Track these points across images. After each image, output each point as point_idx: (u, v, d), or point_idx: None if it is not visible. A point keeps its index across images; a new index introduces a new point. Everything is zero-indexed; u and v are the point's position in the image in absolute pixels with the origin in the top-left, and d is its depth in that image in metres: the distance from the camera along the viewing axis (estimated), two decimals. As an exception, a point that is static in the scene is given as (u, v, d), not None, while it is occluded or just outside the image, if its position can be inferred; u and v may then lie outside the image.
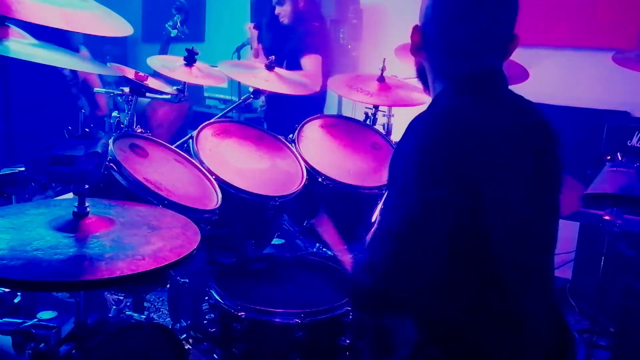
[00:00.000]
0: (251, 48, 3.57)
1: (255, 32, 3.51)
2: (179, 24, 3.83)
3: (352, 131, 2.35)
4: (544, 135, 1.20)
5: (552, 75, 3.24)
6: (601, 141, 2.77)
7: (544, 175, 1.19)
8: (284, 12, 3.27)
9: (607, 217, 2.00)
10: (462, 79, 1.18)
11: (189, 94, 2.36)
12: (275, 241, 2.40)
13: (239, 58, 3.66)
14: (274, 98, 3.36)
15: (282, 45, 3.32)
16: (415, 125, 1.12)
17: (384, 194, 2.14)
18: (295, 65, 3.11)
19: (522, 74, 2.42)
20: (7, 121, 1.88)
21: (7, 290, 1.60)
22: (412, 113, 1.35)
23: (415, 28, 1.23)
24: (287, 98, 2.82)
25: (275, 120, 3.43)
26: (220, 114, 2.61)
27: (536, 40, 3.29)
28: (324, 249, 2.32)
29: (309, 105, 3.13)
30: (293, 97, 2.53)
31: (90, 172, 1.13)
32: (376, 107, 2.48)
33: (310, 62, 3.14)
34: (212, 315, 1.74)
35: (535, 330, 1.15)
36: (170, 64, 2.31)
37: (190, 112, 4.04)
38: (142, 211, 1.37)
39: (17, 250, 1.05)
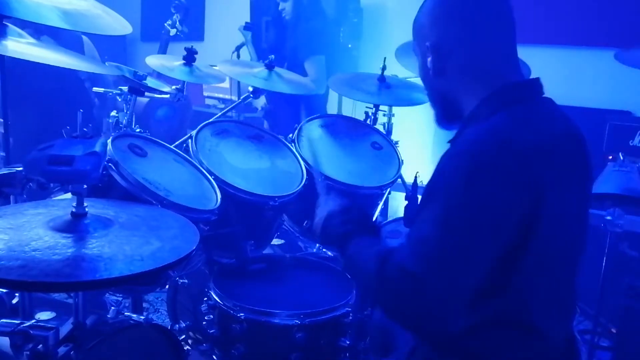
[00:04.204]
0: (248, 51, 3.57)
1: (248, 34, 3.51)
2: (178, 23, 3.82)
3: (352, 131, 2.34)
4: (581, 146, 1.18)
5: (553, 74, 3.20)
6: (603, 141, 2.77)
7: (585, 187, 1.18)
8: (287, 8, 3.27)
9: (609, 218, 1.99)
10: (501, 91, 1.14)
11: (188, 93, 2.35)
12: (275, 241, 2.40)
13: (238, 57, 3.65)
14: (276, 97, 3.36)
15: (284, 43, 3.32)
16: (469, 144, 1.06)
17: (384, 193, 2.16)
18: (296, 65, 3.10)
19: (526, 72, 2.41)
20: (5, 119, 1.87)
21: (5, 291, 1.59)
22: (412, 112, 1.35)
23: (431, 48, 1.17)
24: (289, 97, 2.81)
25: (277, 119, 3.42)
26: (220, 114, 2.60)
27: (537, 38, 3.29)
28: (324, 249, 2.31)
29: (312, 105, 3.13)
30: (295, 96, 2.52)
31: (88, 172, 1.12)
32: (376, 106, 2.47)
33: (314, 65, 3.13)
34: (212, 316, 1.74)
35: (551, 342, 1.14)
36: (170, 63, 2.31)
37: (189, 111, 4.03)
38: (141, 211, 1.36)
39: (15, 250, 1.04)
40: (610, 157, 2.03)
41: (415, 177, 1.71)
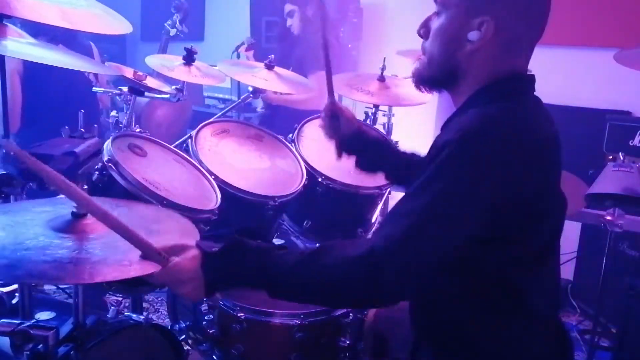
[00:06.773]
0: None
1: (251, 53, 3.54)
2: (178, 22, 3.82)
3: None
4: (559, 142, 1.19)
5: (553, 74, 3.22)
6: (603, 141, 2.77)
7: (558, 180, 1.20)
8: (295, 24, 3.34)
9: (608, 217, 1.99)
10: (504, 81, 1.15)
11: (188, 93, 2.35)
12: (275, 241, 2.39)
13: (238, 57, 3.65)
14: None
15: (290, 52, 3.34)
16: (474, 129, 1.06)
17: (384, 193, 2.16)
18: (300, 74, 3.11)
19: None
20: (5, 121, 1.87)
21: (5, 290, 1.59)
22: (412, 112, 1.35)
23: (487, 21, 1.10)
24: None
25: (275, 120, 3.43)
26: (220, 114, 2.60)
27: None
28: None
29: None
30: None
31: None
32: (376, 106, 2.47)
33: (319, 79, 3.13)
34: (211, 316, 1.73)
35: (541, 331, 1.16)
36: (169, 63, 2.30)
37: (189, 111, 4.03)
38: (141, 211, 1.36)
39: (6, 249, 1.03)
40: (610, 157, 2.02)
41: (415, 177, 1.71)
